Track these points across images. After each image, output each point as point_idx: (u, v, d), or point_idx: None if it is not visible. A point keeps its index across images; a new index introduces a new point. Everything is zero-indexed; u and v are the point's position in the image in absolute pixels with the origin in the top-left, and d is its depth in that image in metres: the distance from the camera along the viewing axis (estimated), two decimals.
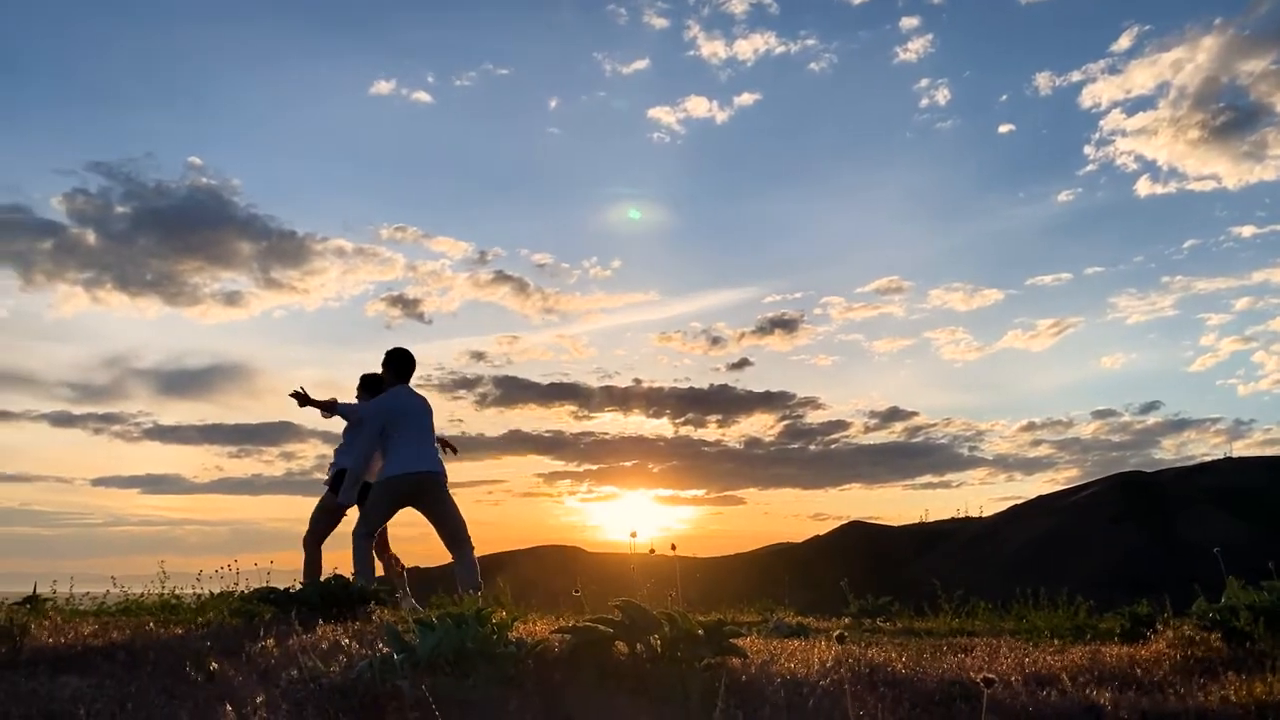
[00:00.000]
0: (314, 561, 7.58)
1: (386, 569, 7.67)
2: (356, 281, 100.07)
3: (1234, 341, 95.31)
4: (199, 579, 8.67)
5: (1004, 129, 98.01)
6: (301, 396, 7.42)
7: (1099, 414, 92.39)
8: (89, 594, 8.79)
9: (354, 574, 6.70)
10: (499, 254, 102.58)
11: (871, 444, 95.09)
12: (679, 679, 3.42)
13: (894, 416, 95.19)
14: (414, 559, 6.75)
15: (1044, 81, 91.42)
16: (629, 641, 3.67)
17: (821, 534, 63.72)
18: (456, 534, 6.84)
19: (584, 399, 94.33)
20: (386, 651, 3.52)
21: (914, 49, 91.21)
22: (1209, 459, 60.64)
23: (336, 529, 7.66)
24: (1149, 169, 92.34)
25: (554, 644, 3.86)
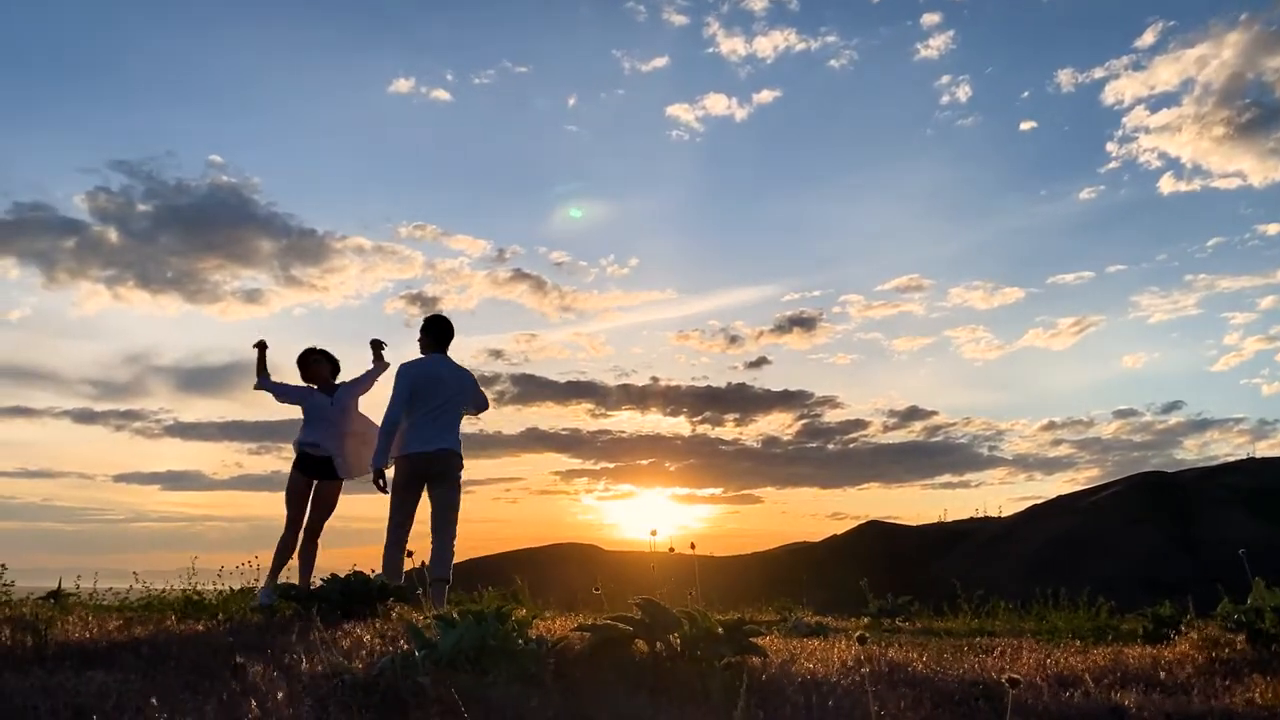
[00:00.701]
0: (308, 560, 7.00)
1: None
2: (375, 279, 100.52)
3: (1258, 341, 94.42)
4: (220, 575, 8.74)
5: (1026, 126, 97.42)
6: (261, 347, 7.26)
7: (1120, 413, 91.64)
8: (112, 589, 8.88)
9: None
10: (517, 252, 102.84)
11: (890, 443, 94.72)
12: (699, 678, 3.42)
13: (913, 416, 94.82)
14: (429, 556, 6.52)
15: (1066, 78, 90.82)
16: (649, 640, 3.68)
17: (839, 533, 63.54)
18: (447, 516, 6.55)
19: (601, 397, 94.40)
20: (408, 648, 3.53)
21: (935, 45, 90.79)
22: (1232, 459, 60.05)
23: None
24: (1172, 166, 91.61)
25: (574, 642, 3.87)
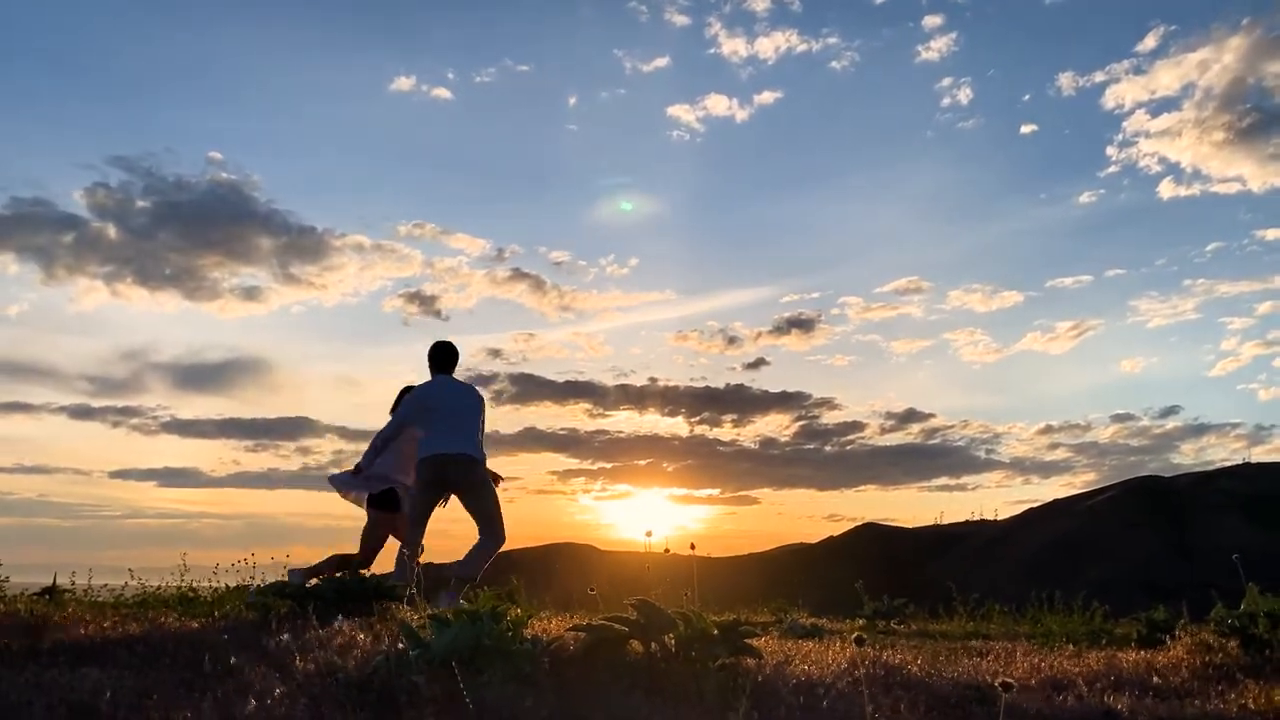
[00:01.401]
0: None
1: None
2: (374, 277, 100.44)
3: (1256, 346, 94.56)
4: (215, 572, 8.74)
5: (1026, 129, 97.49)
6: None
7: (1118, 418, 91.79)
8: (107, 586, 8.88)
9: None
10: (516, 251, 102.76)
11: (887, 445, 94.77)
12: (694, 679, 3.42)
13: (911, 418, 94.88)
14: (426, 555, 6.53)
15: (1067, 82, 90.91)
16: (644, 640, 3.68)
17: (836, 535, 63.59)
18: (490, 529, 6.62)
19: (599, 397, 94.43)
20: (402, 647, 3.53)
21: (937, 48, 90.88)
22: (1228, 464, 60.14)
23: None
24: (1172, 171, 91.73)
25: (569, 642, 3.87)
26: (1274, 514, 49.18)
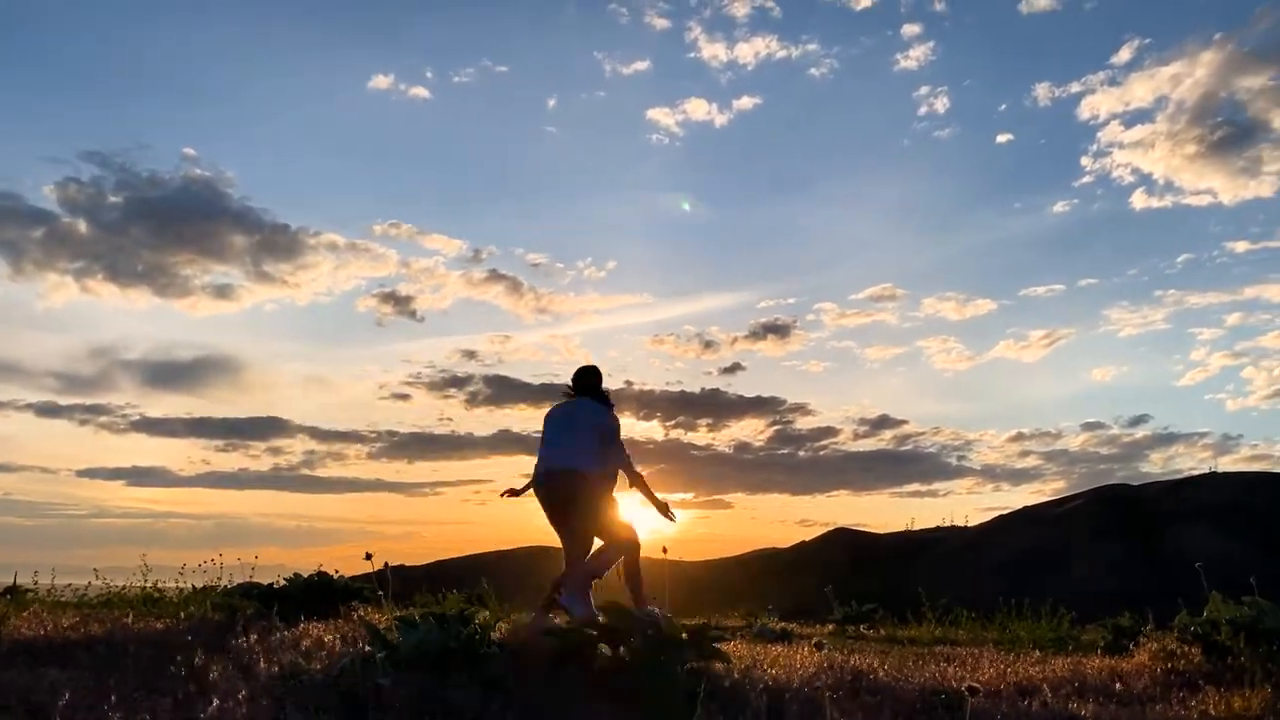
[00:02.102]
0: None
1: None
2: (348, 277, 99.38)
3: (1224, 356, 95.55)
4: (182, 573, 8.63)
5: (1002, 139, 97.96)
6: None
7: (1088, 426, 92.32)
8: (70, 585, 8.76)
9: None
10: (493, 253, 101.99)
11: (860, 451, 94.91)
12: (662, 683, 3.41)
13: (884, 424, 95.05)
14: (396, 557, 6.47)
15: (1043, 92, 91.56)
16: (612, 644, 3.66)
17: (807, 540, 63.56)
18: (598, 550, 6.28)
19: None
20: (369, 650, 3.50)
21: (915, 56, 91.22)
22: (1195, 473, 60.69)
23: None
24: (1145, 182, 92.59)
25: (537, 645, 3.85)
26: (1239, 523, 49.76)
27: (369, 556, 6.34)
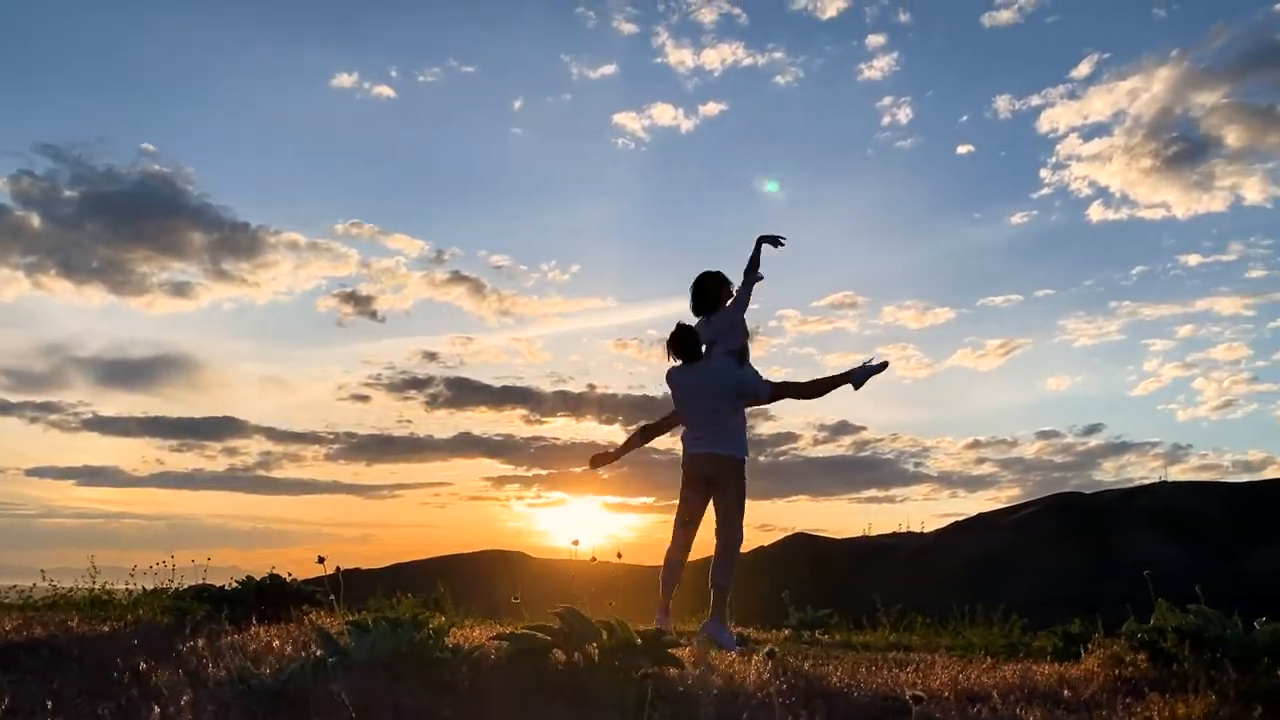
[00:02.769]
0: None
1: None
2: (308, 276, 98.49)
3: (1175, 368, 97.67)
4: (132, 575, 8.51)
5: (963, 150, 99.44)
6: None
7: (1043, 434, 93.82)
8: (15, 587, 8.59)
9: None
10: (456, 254, 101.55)
11: (819, 456, 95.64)
12: (616, 688, 3.41)
13: (842, 430, 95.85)
14: (352, 560, 6.42)
15: (1004, 104, 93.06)
16: (567, 650, 3.66)
17: (766, 545, 63.98)
18: (725, 525, 6.28)
19: (536, 403, 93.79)
20: (320, 654, 3.47)
21: (879, 67, 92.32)
22: (1146, 482, 61.98)
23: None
24: (1102, 195, 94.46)
25: (491, 651, 3.84)
26: (1188, 531, 50.81)
27: (322, 560, 6.30)
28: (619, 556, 5.64)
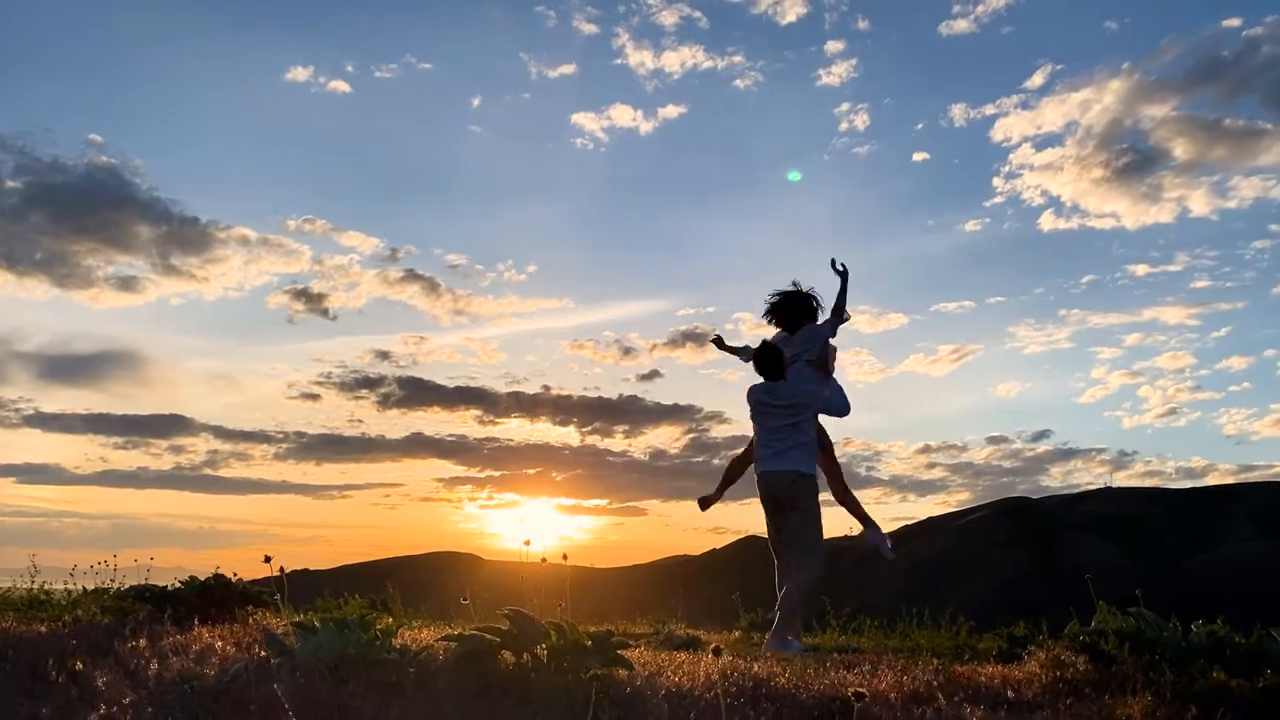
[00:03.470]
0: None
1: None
2: (259, 272, 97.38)
3: (1122, 375, 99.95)
4: (73, 574, 8.32)
5: (918, 157, 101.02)
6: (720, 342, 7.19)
7: (992, 440, 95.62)
8: None
9: None
10: (411, 252, 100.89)
11: None
12: (564, 690, 3.41)
13: None
14: (301, 561, 6.36)
15: (959, 113, 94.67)
16: (515, 651, 3.65)
17: (719, 547, 64.29)
18: (796, 549, 6.34)
19: (490, 404, 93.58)
20: (265, 655, 3.43)
21: (837, 73, 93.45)
22: (1092, 487, 63.32)
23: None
24: (1053, 204, 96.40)
25: (439, 652, 3.81)
26: (1132, 535, 51.92)
27: (268, 559, 6.23)
28: (564, 559, 5.63)
